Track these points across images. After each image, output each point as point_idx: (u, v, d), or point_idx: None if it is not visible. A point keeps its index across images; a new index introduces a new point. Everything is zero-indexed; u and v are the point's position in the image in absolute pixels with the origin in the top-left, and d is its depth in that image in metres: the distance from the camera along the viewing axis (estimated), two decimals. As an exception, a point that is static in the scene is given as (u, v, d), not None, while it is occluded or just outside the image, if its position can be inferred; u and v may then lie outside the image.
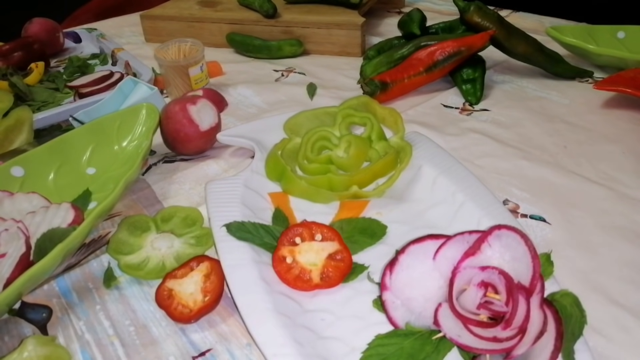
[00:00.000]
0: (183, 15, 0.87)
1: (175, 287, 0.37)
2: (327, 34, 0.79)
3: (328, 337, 0.34)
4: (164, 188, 0.52)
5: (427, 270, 0.32)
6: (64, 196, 0.47)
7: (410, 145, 0.49)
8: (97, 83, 0.69)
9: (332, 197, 0.46)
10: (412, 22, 0.71)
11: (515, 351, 0.29)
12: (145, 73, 0.70)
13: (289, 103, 0.67)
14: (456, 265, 0.32)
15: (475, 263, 0.31)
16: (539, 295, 0.31)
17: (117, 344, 0.36)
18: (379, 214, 0.44)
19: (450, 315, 0.31)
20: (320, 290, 0.37)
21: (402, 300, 0.32)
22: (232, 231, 0.40)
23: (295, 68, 0.77)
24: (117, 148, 0.53)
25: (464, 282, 0.31)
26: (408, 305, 0.32)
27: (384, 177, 0.48)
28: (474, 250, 0.31)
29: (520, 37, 0.66)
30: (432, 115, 0.62)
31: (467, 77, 0.65)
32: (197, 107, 0.53)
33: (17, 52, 0.76)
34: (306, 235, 0.39)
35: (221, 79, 0.75)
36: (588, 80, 0.68)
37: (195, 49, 0.69)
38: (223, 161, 0.55)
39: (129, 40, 0.93)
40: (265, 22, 0.81)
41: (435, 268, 0.32)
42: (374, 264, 0.39)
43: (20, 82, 0.69)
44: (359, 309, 0.36)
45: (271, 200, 0.46)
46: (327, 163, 0.49)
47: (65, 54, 0.87)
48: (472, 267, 0.31)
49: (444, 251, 0.32)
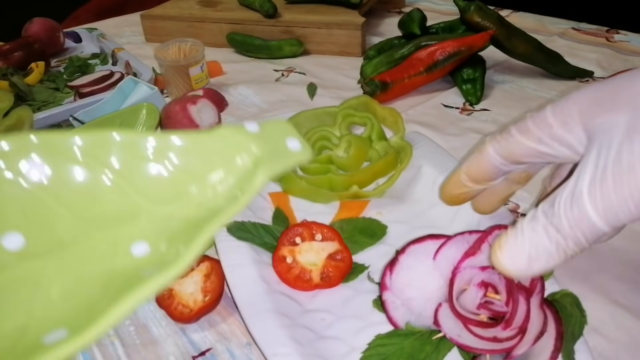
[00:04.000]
0: (183, 15, 0.87)
1: (176, 287, 0.37)
2: (328, 34, 0.79)
3: (328, 337, 0.34)
4: (164, 188, 0.52)
5: (427, 270, 0.32)
6: (64, 196, 0.47)
7: (410, 145, 0.49)
8: (98, 83, 0.69)
9: (332, 197, 0.46)
10: (412, 22, 0.71)
11: (515, 351, 0.29)
12: (146, 73, 0.70)
13: (289, 103, 0.67)
14: (456, 265, 0.32)
15: (475, 263, 0.31)
16: (539, 295, 0.31)
17: (117, 344, 0.36)
18: (379, 214, 0.44)
19: (450, 315, 0.31)
20: (320, 290, 0.37)
21: (402, 300, 0.33)
22: (232, 231, 0.40)
23: (296, 68, 0.77)
24: (118, 148, 0.53)
25: (464, 282, 0.31)
26: (408, 305, 0.32)
27: (384, 177, 0.48)
28: (474, 250, 0.31)
29: (520, 37, 0.66)
30: (433, 115, 0.62)
31: (467, 77, 0.65)
32: (197, 107, 0.53)
33: (18, 51, 0.76)
34: (306, 235, 0.39)
35: (221, 79, 0.75)
36: (589, 80, 0.68)
37: (196, 49, 0.69)
38: (223, 161, 0.55)
39: (129, 40, 0.93)
40: (265, 22, 0.81)
41: (435, 268, 0.32)
42: (374, 264, 0.39)
43: (20, 81, 0.69)
44: (359, 309, 0.36)
45: (271, 200, 0.46)
46: (327, 163, 0.49)
47: (65, 54, 0.87)
48: (472, 267, 0.31)
49: (444, 251, 0.32)
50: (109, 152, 0.30)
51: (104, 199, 0.30)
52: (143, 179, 0.30)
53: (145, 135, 0.31)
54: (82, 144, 0.30)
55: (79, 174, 0.30)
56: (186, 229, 0.28)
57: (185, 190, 0.30)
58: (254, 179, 0.28)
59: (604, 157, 0.22)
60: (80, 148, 0.30)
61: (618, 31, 0.81)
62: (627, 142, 0.22)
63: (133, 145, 0.30)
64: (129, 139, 0.31)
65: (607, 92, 0.24)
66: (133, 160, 0.30)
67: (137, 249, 0.28)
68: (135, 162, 0.30)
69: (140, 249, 0.28)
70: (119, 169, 0.30)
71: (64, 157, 0.30)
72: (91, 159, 0.30)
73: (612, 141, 0.22)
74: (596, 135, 0.24)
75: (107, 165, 0.30)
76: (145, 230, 0.29)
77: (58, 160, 0.30)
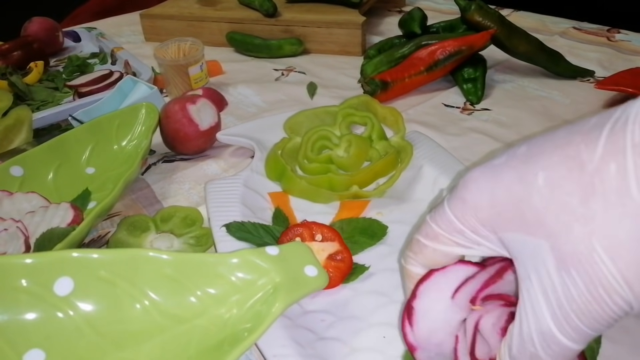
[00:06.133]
0: (183, 14, 0.86)
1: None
2: (328, 33, 0.79)
3: (328, 337, 0.34)
4: (164, 188, 0.52)
5: (445, 306, 0.29)
6: (63, 196, 0.47)
7: (411, 144, 0.49)
8: (97, 82, 0.69)
9: (332, 197, 0.46)
10: (412, 21, 0.71)
11: None
12: (145, 72, 0.70)
13: (289, 102, 0.67)
14: (474, 295, 0.28)
15: (496, 290, 0.28)
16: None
17: None
18: (380, 214, 0.44)
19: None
20: (320, 291, 0.37)
21: (434, 350, 0.29)
22: (232, 231, 0.40)
23: (296, 67, 0.77)
24: (117, 147, 0.53)
25: (486, 332, 0.28)
26: (440, 350, 0.29)
27: (385, 176, 0.48)
28: (494, 279, 0.28)
29: (521, 36, 0.66)
30: (433, 115, 0.62)
31: (468, 76, 0.65)
32: (196, 107, 0.53)
33: (17, 51, 0.76)
34: (306, 235, 0.39)
35: (221, 78, 0.75)
36: (589, 79, 0.68)
37: (195, 48, 0.69)
38: (223, 161, 0.55)
39: (129, 39, 0.93)
40: (265, 21, 0.81)
41: (453, 304, 0.29)
42: (375, 264, 0.39)
43: (19, 81, 0.69)
44: (359, 309, 0.36)
45: (271, 200, 0.46)
46: (328, 163, 0.49)
47: (64, 53, 0.87)
48: (493, 297, 0.28)
49: (462, 290, 0.29)
50: (135, 270, 0.31)
51: (126, 317, 0.31)
52: (167, 300, 0.32)
53: (174, 256, 0.32)
54: (110, 262, 0.31)
55: (105, 292, 0.31)
56: (206, 350, 0.29)
57: (207, 310, 0.31)
58: (272, 307, 0.29)
59: (550, 291, 0.22)
60: (107, 266, 0.31)
61: (619, 30, 0.80)
62: (566, 276, 0.21)
63: (158, 265, 0.31)
64: (154, 258, 0.32)
65: (502, 202, 0.23)
66: (159, 281, 0.31)
67: None
68: (162, 283, 0.31)
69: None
70: (145, 290, 0.31)
71: (91, 274, 0.31)
72: (118, 277, 0.31)
73: (549, 271, 0.22)
74: (517, 253, 0.23)
75: (134, 284, 0.31)
76: (161, 350, 0.30)
77: (86, 277, 0.31)
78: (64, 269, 0.31)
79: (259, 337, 0.28)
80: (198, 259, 0.33)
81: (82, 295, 0.31)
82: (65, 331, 0.30)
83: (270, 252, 0.32)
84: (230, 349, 0.27)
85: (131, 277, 0.31)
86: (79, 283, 0.31)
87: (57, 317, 0.31)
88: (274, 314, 0.29)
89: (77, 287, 0.31)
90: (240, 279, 0.32)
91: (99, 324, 0.31)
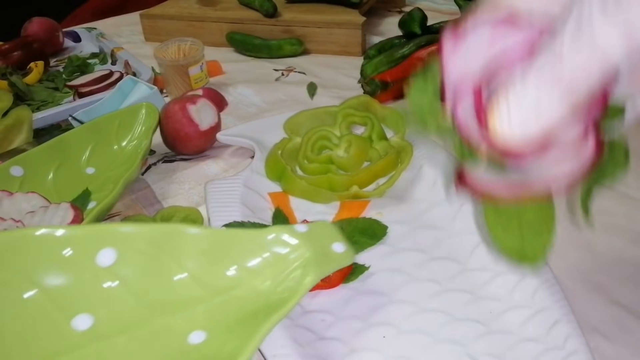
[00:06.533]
0: (183, 14, 0.86)
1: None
2: (328, 33, 0.79)
3: (328, 337, 0.34)
4: (164, 188, 0.52)
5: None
6: (63, 196, 0.47)
7: (411, 145, 0.49)
8: (97, 82, 0.69)
9: (332, 197, 0.46)
10: (413, 22, 0.71)
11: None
12: (145, 72, 0.70)
13: (289, 102, 0.67)
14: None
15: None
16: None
17: None
18: (380, 214, 0.44)
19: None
20: (320, 291, 0.37)
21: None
22: (232, 231, 0.40)
23: (296, 67, 0.77)
24: (117, 148, 0.53)
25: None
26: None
27: (385, 177, 0.48)
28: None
29: (520, 36, 0.66)
30: (433, 115, 0.62)
31: (467, 76, 0.65)
32: (196, 107, 0.53)
33: (17, 51, 0.76)
34: (306, 235, 0.39)
35: (221, 79, 0.75)
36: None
37: (195, 48, 0.69)
38: (223, 161, 0.55)
39: (129, 39, 0.93)
40: (265, 21, 0.81)
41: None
42: (375, 264, 0.39)
43: (19, 81, 0.69)
44: (359, 309, 0.36)
45: (271, 200, 0.46)
46: (328, 163, 0.49)
47: (64, 54, 0.86)
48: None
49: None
50: (173, 244, 0.33)
51: (167, 287, 0.32)
52: (205, 272, 0.33)
53: (209, 231, 0.34)
54: (148, 235, 0.33)
55: (146, 263, 0.33)
56: (243, 320, 0.31)
57: (243, 282, 0.33)
58: (304, 280, 0.31)
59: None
60: (147, 239, 0.33)
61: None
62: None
63: (194, 239, 0.33)
64: (190, 233, 0.33)
65: None
66: (196, 255, 0.33)
67: (194, 337, 0.31)
68: (199, 256, 0.33)
69: (197, 337, 0.31)
70: (183, 262, 0.33)
71: (132, 247, 0.33)
72: (158, 249, 0.33)
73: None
74: None
75: (173, 256, 0.33)
76: (203, 318, 0.32)
77: (127, 249, 0.33)
78: (107, 241, 0.33)
79: (292, 308, 0.29)
80: (232, 235, 0.34)
81: (125, 266, 0.33)
82: (111, 298, 0.32)
83: (299, 229, 0.33)
84: (266, 317, 0.29)
85: (169, 250, 0.33)
86: (121, 254, 0.32)
87: (102, 286, 0.32)
88: (305, 286, 0.30)
89: (120, 258, 0.32)
90: (273, 253, 0.33)
91: (141, 293, 0.32)
